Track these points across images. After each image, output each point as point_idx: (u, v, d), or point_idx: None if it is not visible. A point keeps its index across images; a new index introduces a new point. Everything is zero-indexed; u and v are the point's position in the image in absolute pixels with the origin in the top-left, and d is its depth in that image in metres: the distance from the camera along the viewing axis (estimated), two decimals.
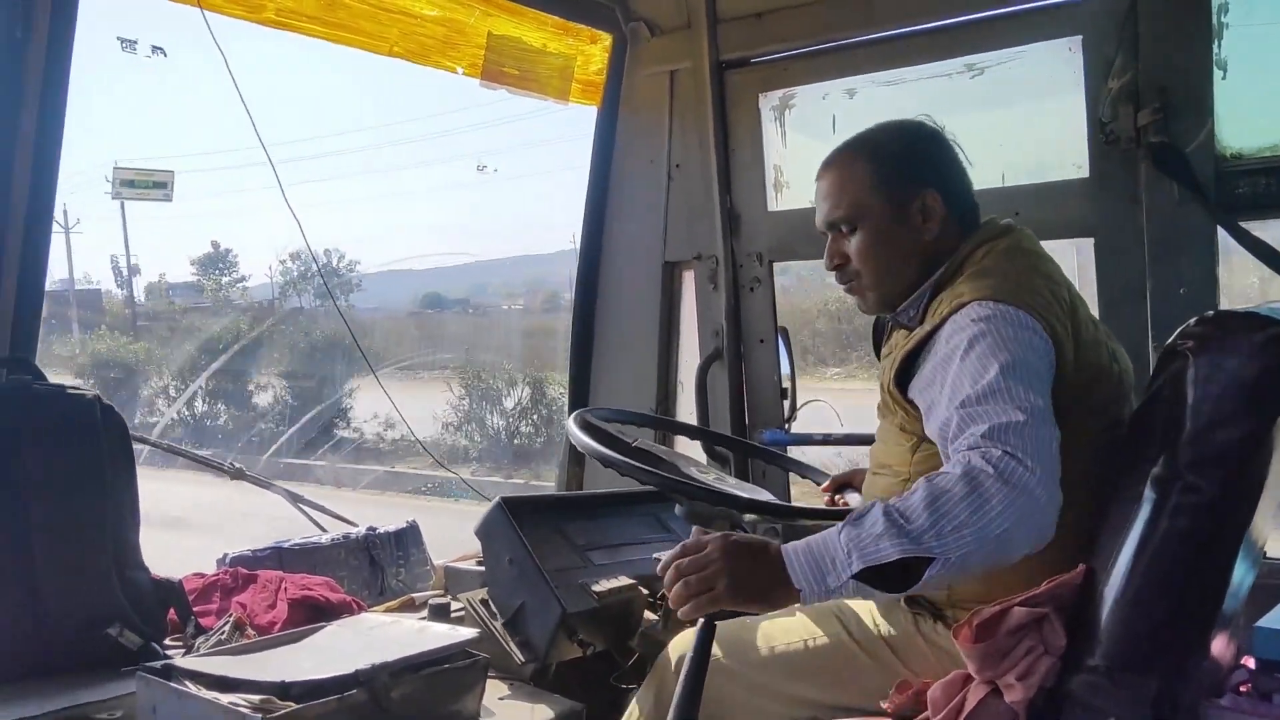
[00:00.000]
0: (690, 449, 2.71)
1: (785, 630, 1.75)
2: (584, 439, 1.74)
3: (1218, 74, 2.22)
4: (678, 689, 1.53)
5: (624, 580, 2.03)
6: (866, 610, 1.73)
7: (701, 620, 1.52)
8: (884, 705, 1.59)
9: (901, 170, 1.69)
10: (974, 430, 1.38)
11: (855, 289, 1.75)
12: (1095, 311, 1.80)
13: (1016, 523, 1.30)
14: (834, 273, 1.76)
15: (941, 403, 1.47)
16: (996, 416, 1.37)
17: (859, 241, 1.70)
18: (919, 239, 1.68)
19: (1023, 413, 1.37)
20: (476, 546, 2.17)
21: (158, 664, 1.61)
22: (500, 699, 1.84)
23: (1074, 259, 2.54)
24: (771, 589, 1.40)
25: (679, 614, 1.46)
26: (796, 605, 1.83)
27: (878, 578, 1.33)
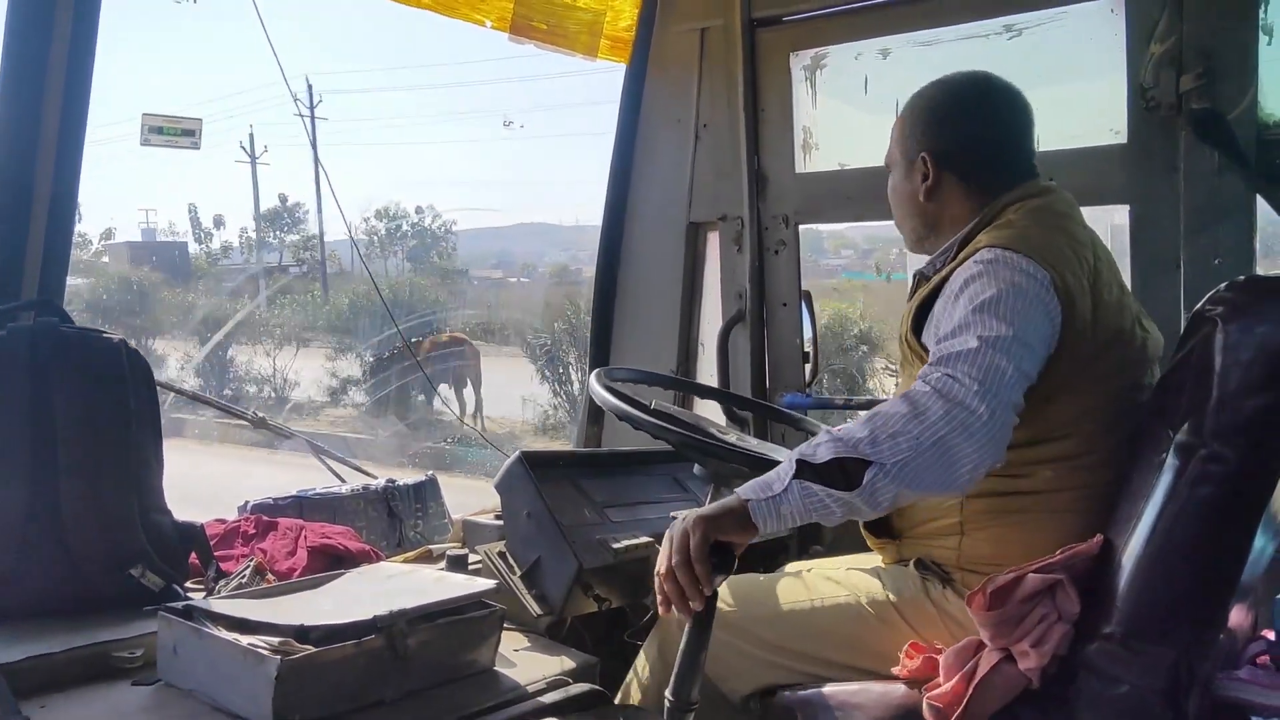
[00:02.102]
0: (709, 412, 2.70)
1: (795, 589, 1.75)
2: (606, 396, 1.76)
3: (1263, 40, 2.16)
4: (678, 660, 1.54)
5: (642, 538, 2.03)
6: (874, 574, 1.73)
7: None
8: (895, 671, 1.59)
9: (913, 129, 1.77)
10: (931, 363, 1.44)
11: None
12: (1128, 280, 1.78)
13: (953, 431, 1.35)
14: None
15: (931, 341, 1.52)
16: (953, 347, 1.43)
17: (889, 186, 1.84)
18: (916, 197, 1.76)
19: (978, 339, 1.42)
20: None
21: (179, 605, 1.62)
22: (516, 650, 1.84)
23: (1107, 227, 2.50)
24: (723, 508, 1.46)
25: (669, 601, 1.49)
26: (808, 565, 1.84)
27: (821, 483, 1.40)
